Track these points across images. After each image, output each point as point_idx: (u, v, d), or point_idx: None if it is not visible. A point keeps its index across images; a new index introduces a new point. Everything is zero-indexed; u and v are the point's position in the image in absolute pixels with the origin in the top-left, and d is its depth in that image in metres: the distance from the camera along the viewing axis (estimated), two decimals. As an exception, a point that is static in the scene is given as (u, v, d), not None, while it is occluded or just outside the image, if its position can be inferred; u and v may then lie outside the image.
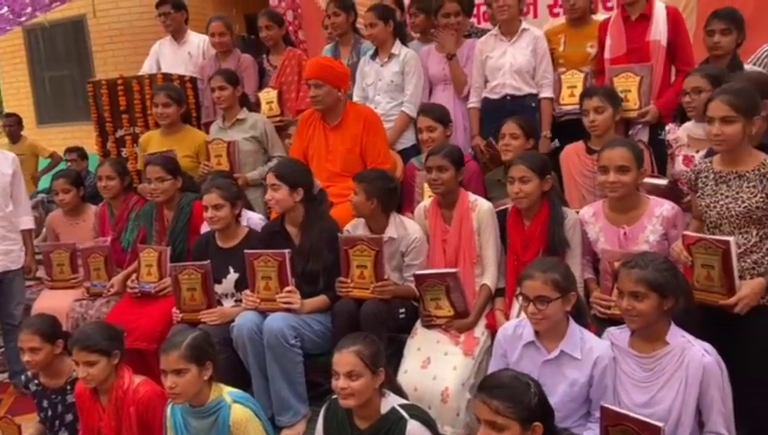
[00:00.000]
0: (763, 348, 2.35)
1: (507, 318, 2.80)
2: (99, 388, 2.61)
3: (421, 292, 2.92)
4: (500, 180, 3.37)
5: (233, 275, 3.16)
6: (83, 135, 6.76)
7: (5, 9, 5.43)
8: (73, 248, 3.70)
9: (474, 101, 3.91)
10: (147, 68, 4.97)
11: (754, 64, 3.41)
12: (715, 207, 2.46)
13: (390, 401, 2.25)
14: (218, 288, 3.17)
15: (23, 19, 6.26)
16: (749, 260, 2.34)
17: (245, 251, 2.96)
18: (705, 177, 2.53)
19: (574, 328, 2.34)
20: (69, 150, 6.02)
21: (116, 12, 7.92)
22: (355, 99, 4.13)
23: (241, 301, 3.04)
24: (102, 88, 4.40)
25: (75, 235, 3.92)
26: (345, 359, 2.18)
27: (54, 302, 3.59)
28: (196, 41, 4.89)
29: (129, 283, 3.45)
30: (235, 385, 2.66)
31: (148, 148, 3.97)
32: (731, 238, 2.29)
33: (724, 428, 2.13)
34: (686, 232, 2.46)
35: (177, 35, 4.91)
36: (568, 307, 2.30)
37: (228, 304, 3.17)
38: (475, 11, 4.60)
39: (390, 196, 3.07)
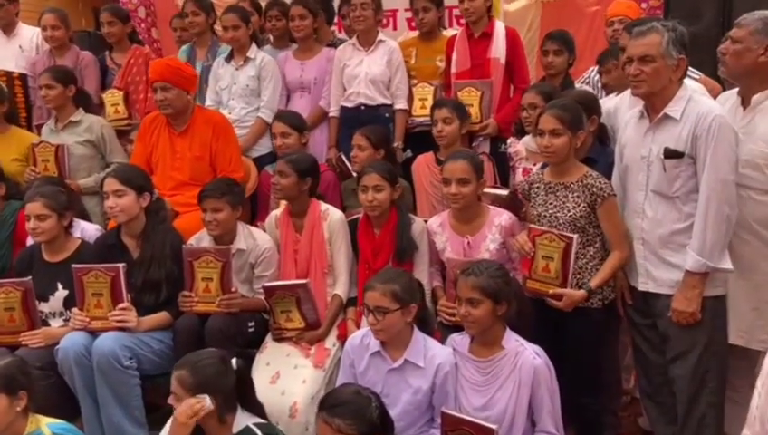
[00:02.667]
0: (586, 347, 2.54)
1: (358, 327, 2.79)
2: None
3: (271, 304, 2.84)
4: (354, 189, 3.37)
5: (61, 293, 2.88)
6: None
7: None
8: None
9: (333, 111, 3.90)
10: None
11: (583, 84, 3.69)
12: (545, 215, 2.61)
13: (243, 420, 2.14)
14: (45, 307, 2.88)
15: None
16: (575, 266, 2.51)
17: (73, 266, 2.71)
18: (537, 187, 2.69)
19: (418, 336, 2.38)
20: None
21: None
22: (208, 103, 3.97)
23: (69, 320, 2.77)
24: None
25: None
26: (174, 385, 2.05)
27: None
28: (29, 34, 4.45)
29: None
30: (63, 412, 2.42)
31: (-36, 151, 3.54)
32: (575, 235, 2.45)
33: (554, 426, 2.25)
34: (531, 225, 2.59)
35: (7, 28, 4.45)
36: (409, 319, 2.34)
37: (57, 323, 2.89)
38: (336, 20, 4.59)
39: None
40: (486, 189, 2.95)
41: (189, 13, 4.10)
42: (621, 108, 2.95)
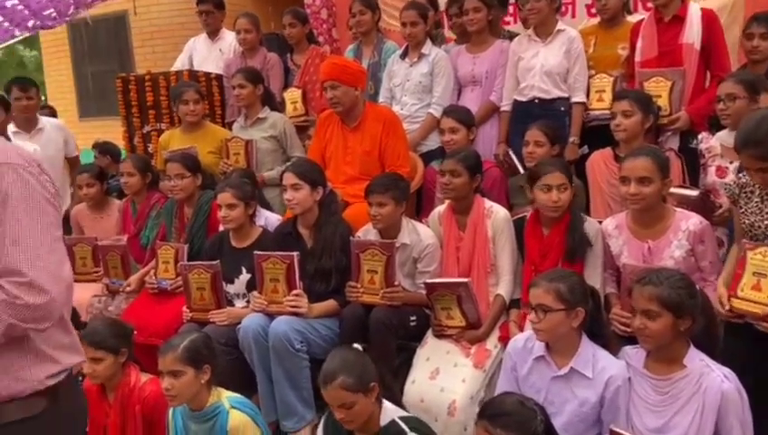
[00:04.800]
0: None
1: (521, 331, 2.69)
2: (106, 384, 2.62)
3: (432, 301, 2.83)
4: (522, 187, 3.25)
5: (245, 276, 3.13)
6: (112, 128, 6.89)
7: (51, 10, 5.57)
8: (95, 243, 3.74)
9: (504, 105, 3.80)
10: (179, 64, 5.03)
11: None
12: (760, 226, 2.31)
13: (390, 413, 2.18)
14: (230, 288, 3.15)
15: (68, 18, 6.41)
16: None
17: (255, 252, 2.93)
18: (751, 192, 2.37)
19: (587, 345, 2.23)
20: (96, 146, 6.11)
21: (156, 9, 8.05)
22: (381, 100, 4.07)
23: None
24: (131, 84, 4.45)
25: (99, 229, 3.97)
26: (332, 395, 2.11)
27: (76, 294, 3.62)
28: (230, 38, 4.91)
29: (147, 278, 3.47)
30: (242, 387, 2.64)
31: (169, 145, 3.99)
32: None
33: (743, 458, 1.98)
34: (745, 240, 2.30)
35: (213, 34, 4.96)
36: (575, 323, 2.19)
37: (240, 304, 3.15)
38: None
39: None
40: (673, 189, 2.67)
41: (356, 12, 4.23)
42: None
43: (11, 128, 4.39)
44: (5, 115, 4.18)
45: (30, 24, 5.38)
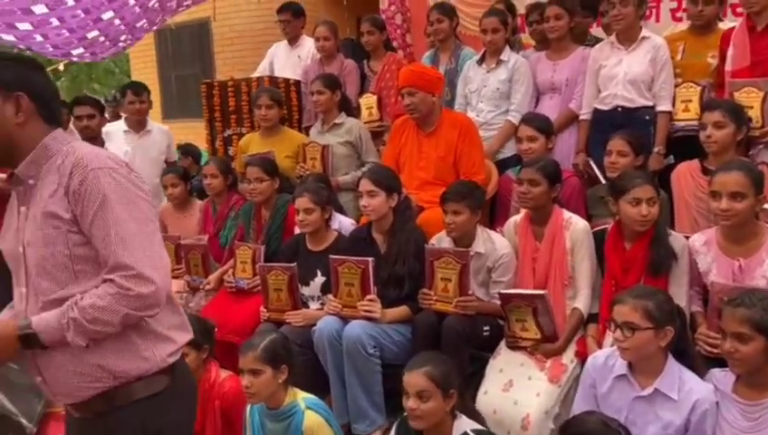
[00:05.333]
0: None
1: (600, 347, 2.62)
2: (187, 379, 2.72)
3: (506, 311, 2.80)
4: (603, 198, 3.17)
5: (320, 279, 3.19)
6: (201, 132, 7.17)
7: (144, 21, 5.86)
8: (178, 241, 3.90)
9: (584, 113, 3.71)
10: (261, 70, 5.20)
11: None
12: None
13: (463, 425, 2.17)
14: (305, 290, 3.22)
15: (155, 27, 6.71)
16: None
17: (330, 256, 2.98)
18: None
19: (672, 366, 2.16)
20: (179, 147, 6.36)
21: (236, 15, 8.32)
22: (456, 106, 4.06)
23: (325, 304, 3.07)
24: (215, 89, 4.63)
25: (182, 227, 4.14)
26: (415, 379, 2.12)
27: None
28: (309, 45, 5.04)
29: (225, 277, 3.60)
30: (315, 387, 2.69)
31: (248, 149, 4.11)
32: None
33: None
34: None
35: (292, 40, 5.11)
36: (662, 342, 2.12)
37: (314, 306, 3.21)
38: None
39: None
40: (767, 206, 2.54)
41: (434, 20, 4.24)
42: None
43: (122, 126, 4.67)
44: (100, 118, 4.43)
45: (122, 38, 5.67)
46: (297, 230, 3.48)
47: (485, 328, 2.88)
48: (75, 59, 6.06)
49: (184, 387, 1.69)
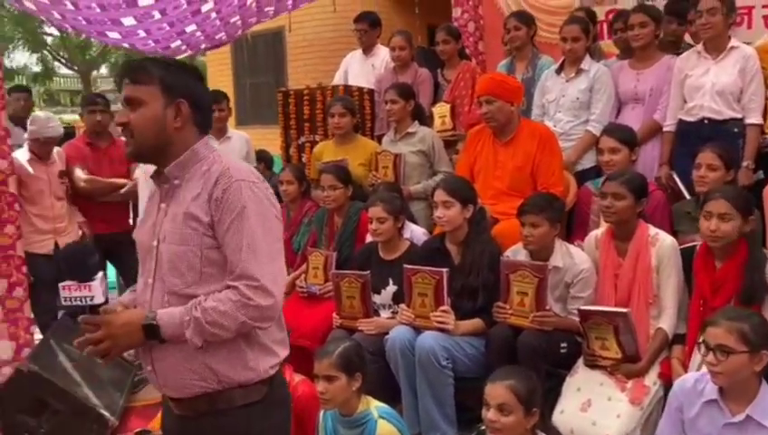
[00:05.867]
0: None
1: (685, 369, 2.51)
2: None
3: (585, 329, 2.71)
4: (690, 213, 3.04)
5: (391, 288, 3.19)
6: (273, 138, 7.34)
7: (222, 34, 6.08)
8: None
9: (668, 125, 3.56)
10: (337, 78, 5.27)
11: None
12: None
13: None
14: (377, 299, 3.22)
15: (233, 39, 6.93)
16: None
17: (404, 266, 2.97)
18: None
19: (766, 392, 2.04)
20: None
21: (310, 25, 8.48)
22: (533, 116, 3.98)
23: (397, 313, 3.07)
24: (290, 97, 4.71)
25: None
26: (498, 391, 2.09)
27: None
28: (383, 54, 5.07)
29: (297, 282, 3.65)
30: (385, 396, 2.68)
31: (322, 156, 4.16)
32: None
33: None
34: None
35: (368, 50, 5.15)
36: (757, 367, 2.00)
37: (385, 314, 3.21)
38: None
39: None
40: None
41: (511, 27, 4.18)
42: None
43: None
44: None
45: (202, 47, 5.89)
46: (369, 238, 3.49)
47: (563, 345, 2.80)
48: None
49: (280, 397, 1.73)
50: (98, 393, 3.22)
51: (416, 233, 3.50)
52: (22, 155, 3.93)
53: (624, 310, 2.63)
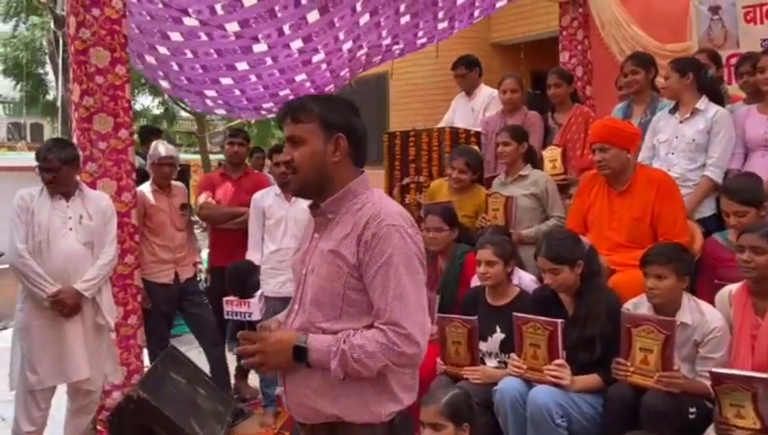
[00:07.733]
0: None
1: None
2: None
3: (718, 394, 2.45)
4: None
5: (499, 335, 3.06)
6: (375, 178, 7.43)
7: (331, 86, 6.32)
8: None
9: None
10: (446, 119, 5.34)
11: None
12: None
13: None
14: (483, 346, 3.10)
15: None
16: None
17: (514, 314, 2.85)
18: None
19: None
20: None
21: (412, 70, 8.69)
22: (641, 158, 3.78)
23: (505, 363, 2.94)
24: (396, 139, 4.75)
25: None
26: None
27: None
28: (482, 96, 5.09)
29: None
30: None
31: (435, 196, 4.12)
32: None
33: None
34: None
35: (470, 91, 5.20)
36: None
37: (491, 363, 3.07)
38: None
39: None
40: None
41: (628, 71, 4.03)
42: None
43: None
44: None
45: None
46: (474, 281, 3.39)
47: (691, 410, 2.55)
48: (264, 112, 6.63)
49: None
50: (201, 425, 3.28)
51: (524, 280, 3.36)
52: (146, 187, 4.17)
53: (765, 375, 2.36)
